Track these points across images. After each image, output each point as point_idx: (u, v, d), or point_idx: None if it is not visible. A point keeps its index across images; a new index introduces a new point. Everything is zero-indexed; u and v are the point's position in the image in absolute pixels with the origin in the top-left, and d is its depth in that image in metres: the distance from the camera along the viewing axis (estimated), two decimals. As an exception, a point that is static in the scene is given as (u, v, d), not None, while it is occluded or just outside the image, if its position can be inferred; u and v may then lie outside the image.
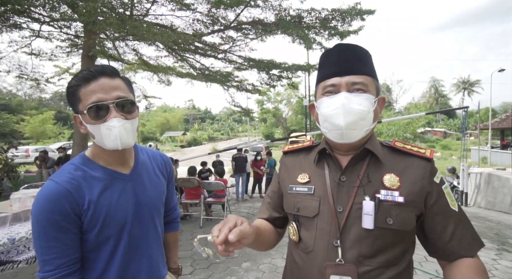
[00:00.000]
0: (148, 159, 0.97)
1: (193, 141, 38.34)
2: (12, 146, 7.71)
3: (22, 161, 11.62)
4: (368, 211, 0.68)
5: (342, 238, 0.70)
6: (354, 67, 0.72)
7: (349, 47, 0.74)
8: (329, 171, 0.78)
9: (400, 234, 0.69)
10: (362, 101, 0.70)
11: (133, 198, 0.86)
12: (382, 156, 0.75)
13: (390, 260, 0.68)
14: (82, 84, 0.77)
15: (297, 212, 0.78)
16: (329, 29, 7.08)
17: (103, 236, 0.80)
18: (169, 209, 1.10)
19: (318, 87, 0.78)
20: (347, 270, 0.67)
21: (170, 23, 6.89)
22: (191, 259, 3.44)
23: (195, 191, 5.27)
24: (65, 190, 0.75)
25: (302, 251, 0.76)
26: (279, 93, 32.18)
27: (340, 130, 0.70)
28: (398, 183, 0.70)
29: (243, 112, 10.39)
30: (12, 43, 7.07)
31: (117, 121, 0.77)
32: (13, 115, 30.97)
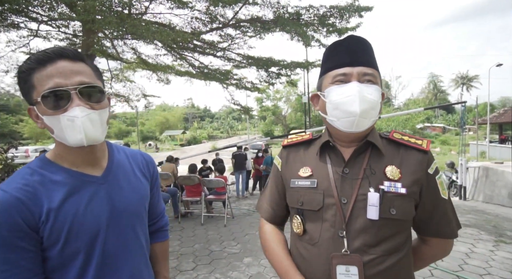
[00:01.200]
0: (126, 158, 0.84)
1: (193, 139, 38.37)
2: (12, 146, 7.71)
3: (22, 162, 11.62)
4: (374, 203, 0.70)
5: (348, 229, 0.72)
6: (365, 59, 0.74)
7: (360, 40, 0.76)
8: (332, 164, 0.79)
9: (401, 223, 0.72)
10: (373, 91, 0.72)
11: (107, 204, 0.73)
12: (383, 148, 0.77)
13: (392, 248, 0.71)
14: (36, 68, 0.64)
15: (301, 206, 0.79)
16: (327, 26, 7.09)
17: (69, 251, 0.67)
18: (155, 216, 0.95)
19: (326, 76, 0.78)
20: (353, 260, 0.70)
21: (169, 22, 6.89)
22: (193, 255, 3.49)
23: (196, 188, 5.31)
24: (15, 199, 0.62)
25: (307, 243, 0.77)
26: (278, 91, 32.21)
27: (354, 117, 0.70)
28: (399, 174, 0.73)
29: (243, 110, 10.41)
30: (10, 43, 7.05)
31: (80, 110, 0.64)
32: (12, 115, 30.90)
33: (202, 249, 3.70)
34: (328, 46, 0.81)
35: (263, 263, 3.22)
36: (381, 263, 0.70)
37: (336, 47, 0.77)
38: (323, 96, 0.77)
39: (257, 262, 3.26)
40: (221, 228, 4.64)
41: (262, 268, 3.10)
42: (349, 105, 0.70)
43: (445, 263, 3.07)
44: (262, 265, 3.16)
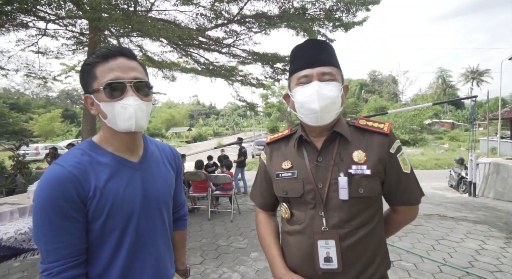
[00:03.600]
0: (157, 150, 0.92)
1: (198, 136, 38.53)
2: (23, 144, 7.89)
3: (32, 159, 11.89)
4: (343, 185, 0.82)
5: (325, 209, 0.84)
6: (323, 59, 0.84)
7: (318, 42, 0.86)
8: (307, 154, 0.89)
9: (370, 200, 0.84)
10: (331, 88, 0.82)
11: (141, 189, 0.80)
12: (349, 136, 0.87)
13: (363, 221, 0.83)
14: (100, 62, 0.74)
15: (286, 194, 0.91)
16: (333, 21, 6.99)
17: (108, 227, 0.74)
18: (176, 205, 1.04)
19: (291, 78, 0.89)
20: (330, 235, 0.82)
21: (174, 18, 6.89)
22: (200, 250, 3.53)
23: (203, 184, 5.34)
24: (70, 174, 0.70)
25: (295, 224, 0.89)
26: (284, 87, 31.99)
27: (316, 113, 0.81)
28: (365, 157, 0.84)
29: (248, 107, 10.39)
30: (19, 42, 7.16)
31: (134, 99, 0.74)
32: (22, 114, 31.49)
33: (209, 244, 3.74)
34: (291, 50, 0.90)
35: (270, 258, 3.24)
36: (354, 235, 0.82)
37: (297, 51, 0.88)
38: (292, 96, 0.88)
39: (263, 256, 3.27)
40: (228, 223, 4.67)
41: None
42: (310, 103, 0.81)
43: (455, 260, 3.03)
44: (269, 260, 3.18)
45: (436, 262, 2.99)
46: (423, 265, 2.94)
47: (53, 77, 8.74)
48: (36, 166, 9.45)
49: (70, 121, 38.10)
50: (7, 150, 8.03)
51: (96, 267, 0.75)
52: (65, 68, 9.02)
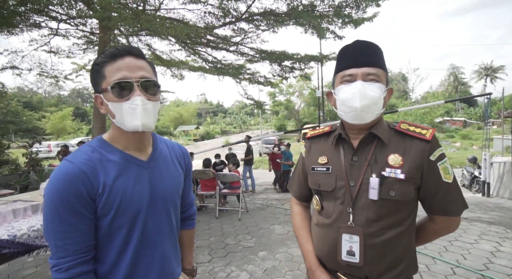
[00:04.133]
0: (166, 148, 0.92)
1: (206, 134, 38.73)
2: (36, 141, 8.07)
3: (45, 156, 12.14)
4: (374, 186, 0.84)
5: (354, 206, 0.87)
6: (369, 60, 0.85)
7: (366, 43, 0.88)
8: (344, 152, 0.93)
9: (401, 203, 0.84)
10: (374, 89, 0.83)
11: (148, 187, 0.80)
12: (387, 139, 0.88)
13: (392, 223, 0.84)
14: (109, 61, 0.75)
15: (319, 187, 0.95)
16: (342, 17, 6.88)
17: (116, 224, 0.75)
18: (185, 205, 1.03)
19: (336, 76, 0.91)
20: (356, 230, 0.85)
21: (182, 17, 6.91)
22: (208, 248, 3.54)
23: (211, 182, 5.36)
24: (80, 170, 0.71)
25: (323, 216, 0.95)
26: (291, 85, 31.83)
27: (356, 111, 0.83)
28: (401, 162, 0.84)
29: (256, 105, 10.36)
30: (32, 42, 7.31)
31: (141, 100, 0.74)
32: (35, 112, 32.27)
33: (217, 242, 3.75)
34: (340, 49, 0.92)
35: (278, 257, 3.23)
36: (381, 235, 0.83)
37: (345, 50, 0.90)
38: (335, 94, 0.91)
39: (272, 256, 3.27)
40: (236, 221, 4.68)
41: (277, 262, 3.10)
42: (351, 101, 0.84)
43: (469, 262, 2.96)
44: (277, 259, 3.16)
45: (449, 263, 2.92)
46: (435, 266, 2.87)
47: (64, 76, 8.91)
48: (49, 164, 9.66)
49: (81, 119, 38.86)
50: (21, 147, 8.23)
51: (103, 264, 0.76)
52: (76, 67, 9.18)
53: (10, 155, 8.27)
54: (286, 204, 5.85)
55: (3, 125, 12.76)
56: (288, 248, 3.47)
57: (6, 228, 1.61)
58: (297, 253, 3.30)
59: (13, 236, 1.53)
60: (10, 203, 2.01)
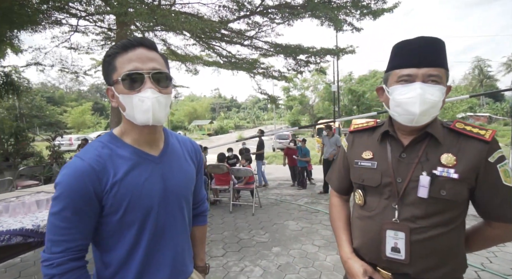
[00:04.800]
0: (178, 143, 0.90)
1: (220, 129, 39.04)
2: (58, 135, 8.41)
3: (66, 149, 12.66)
4: (424, 184, 0.81)
5: (400, 202, 0.85)
6: (432, 60, 0.79)
7: (429, 40, 0.80)
8: (391, 149, 0.90)
9: (451, 203, 0.81)
10: (435, 92, 0.78)
11: (161, 183, 0.78)
12: (442, 138, 0.84)
13: (439, 221, 0.81)
14: (120, 53, 0.73)
15: (362, 182, 0.94)
16: (361, 9, 6.65)
17: (127, 221, 0.74)
18: (197, 201, 1.02)
19: (390, 73, 0.86)
20: (401, 227, 0.83)
21: (197, 11, 6.91)
22: (222, 242, 3.57)
23: (225, 177, 5.39)
24: (89, 167, 0.70)
25: (366, 211, 0.93)
26: (306, 80, 31.36)
27: (413, 116, 0.80)
28: (455, 161, 0.80)
29: (269, 99, 10.30)
30: (54, 38, 7.56)
31: (152, 92, 0.71)
32: (57, 106, 33.62)
33: (231, 237, 3.77)
34: (397, 43, 0.86)
35: (292, 253, 3.21)
36: (427, 232, 0.81)
37: (405, 46, 0.83)
38: (388, 93, 0.87)
39: (286, 252, 3.25)
40: (249, 216, 4.69)
41: (291, 258, 3.09)
42: (409, 106, 0.79)
43: (495, 265, 2.82)
44: (291, 255, 3.15)
45: (473, 267, 2.79)
46: (457, 268, 2.75)
47: (84, 72, 9.19)
48: (70, 156, 10.06)
49: (100, 114, 40.16)
50: (44, 140, 8.61)
51: (115, 261, 0.76)
52: (95, 63, 9.44)
53: (35, 148, 8.66)
54: (299, 200, 5.81)
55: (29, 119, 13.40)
56: (302, 245, 3.44)
57: (31, 218, 1.68)
58: (312, 250, 3.27)
59: (37, 226, 1.59)
60: (34, 194, 2.10)
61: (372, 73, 33.66)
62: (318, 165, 8.40)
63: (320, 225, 4.14)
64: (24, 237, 1.51)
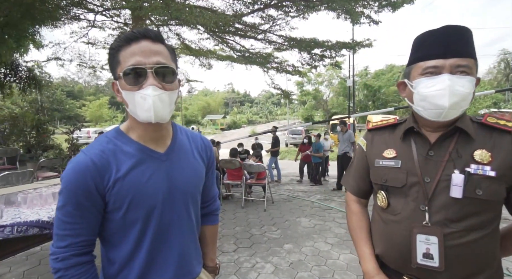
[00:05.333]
0: (187, 140, 0.87)
1: (233, 124, 39.20)
2: (77, 128, 8.68)
3: (84, 142, 13.10)
4: (457, 183, 0.74)
5: (429, 204, 0.78)
6: (460, 49, 0.74)
7: (456, 28, 0.75)
8: (416, 146, 0.84)
9: (488, 203, 0.75)
10: (465, 83, 0.73)
11: (166, 181, 0.76)
12: (473, 133, 0.78)
13: (475, 224, 0.75)
14: (123, 46, 0.69)
15: (385, 182, 0.87)
16: (379, 0, 6.39)
17: (130, 218, 0.72)
18: (207, 199, 0.98)
19: (413, 67, 0.80)
20: (433, 231, 0.76)
21: (211, 5, 6.87)
22: (234, 238, 3.57)
23: (237, 172, 5.39)
24: (92, 163, 0.69)
25: (390, 214, 0.86)
26: (320, 74, 30.82)
27: (441, 110, 0.74)
28: (490, 158, 0.75)
29: (283, 94, 10.18)
30: (72, 34, 7.76)
31: (153, 89, 0.67)
32: (76, 100, 34.77)
33: (242, 232, 3.77)
34: (419, 34, 0.81)
35: (304, 250, 3.16)
36: (462, 237, 0.74)
37: (429, 36, 0.78)
38: (411, 87, 0.80)
39: (298, 249, 3.21)
40: (261, 212, 4.67)
41: (303, 255, 3.05)
42: (437, 99, 0.74)
43: (519, 271, 2.66)
44: (303, 253, 3.10)
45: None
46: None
47: (100, 66, 9.40)
48: (88, 149, 10.38)
49: (116, 108, 41.20)
50: (64, 133, 8.91)
51: (119, 258, 0.75)
52: (111, 57, 9.62)
53: (55, 140, 8.99)
54: (312, 196, 5.73)
55: (50, 112, 13.92)
56: (314, 242, 3.39)
57: (47, 210, 1.71)
58: (324, 248, 3.22)
59: (52, 218, 1.62)
60: (50, 186, 2.15)
61: (389, 67, 32.63)
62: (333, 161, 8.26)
63: (333, 223, 4.07)
64: (40, 229, 1.54)
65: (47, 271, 2.68)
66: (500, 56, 40.33)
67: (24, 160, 7.51)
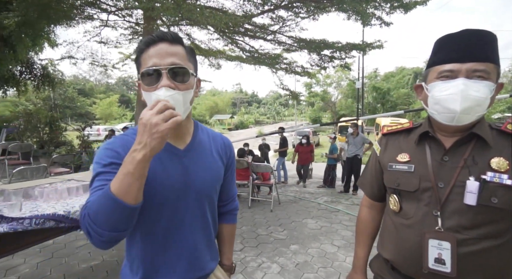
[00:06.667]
0: (207, 139, 0.89)
1: (240, 124, 39.29)
2: (88, 125, 8.86)
3: (94, 139, 13.33)
4: (472, 190, 0.74)
5: (442, 209, 0.78)
6: (478, 53, 0.73)
7: (476, 33, 0.74)
8: (431, 151, 0.83)
9: (503, 212, 0.74)
10: (480, 88, 0.72)
11: (182, 176, 0.77)
12: (491, 140, 0.77)
13: (489, 233, 0.74)
14: (144, 49, 0.74)
15: (398, 186, 0.87)
16: (391, 1, 6.33)
17: (144, 205, 0.71)
18: (226, 199, 0.99)
19: (430, 70, 0.81)
20: (446, 236, 0.75)
21: (221, 6, 6.92)
22: (240, 237, 3.60)
23: (244, 172, 5.41)
24: (120, 141, 0.76)
25: (402, 218, 0.86)
26: (329, 76, 30.61)
27: (454, 114, 0.74)
28: (507, 166, 0.74)
29: (291, 95, 10.16)
30: (86, 33, 7.92)
31: (165, 90, 0.70)
32: (87, 98, 35.44)
33: (249, 232, 3.79)
34: (439, 38, 0.81)
35: (311, 252, 3.16)
36: (475, 245, 0.73)
37: (447, 40, 0.78)
38: (427, 90, 0.81)
39: (304, 250, 3.21)
40: (268, 212, 4.69)
41: (309, 257, 3.05)
42: (449, 103, 0.74)
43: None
44: (310, 254, 3.11)
45: None
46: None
47: (112, 65, 9.57)
48: (98, 146, 10.58)
49: (125, 106, 41.83)
50: (75, 130, 9.11)
51: (134, 248, 0.78)
52: (122, 56, 9.78)
53: (67, 137, 9.20)
54: (319, 198, 5.71)
55: (62, 110, 14.25)
56: (321, 244, 3.39)
57: (62, 205, 1.77)
58: (331, 250, 3.21)
59: (67, 212, 1.67)
60: (65, 181, 2.21)
61: (399, 69, 32.20)
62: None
63: (340, 225, 4.05)
64: (56, 222, 1.59)
65: (59, 263, 2.76)
66: (515, 59, 39.21)
67: (37, 156, 7.72)
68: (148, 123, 0.59)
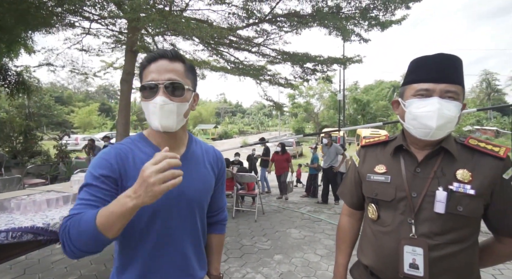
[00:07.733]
0: (200, 151, 0.93)
1: (224, 134, 39.13)
2: (66, 134, 8.52)
3: (72, 149, 12.80)
4: (441, 199, 0.81)
5: (416, 217, 0.84)
6: (451, 76, 0.81)
7: (448, 57, 0.82)
8: (405, 163, 0.90)
9: (467, 220, 0.81)
10: (451, 107, 0.79)
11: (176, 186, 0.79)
12: (457, 154, 0.85)
13: (457, 238, 0.81)
14: (146, 65, 0.81)
15: (376, 196, 0.93)
16: (369, 20, 6.72)
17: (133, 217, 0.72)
18: (216, 209, 1.02)
19: (409, 87, 0.87)
20: (419, 242, 0.82)
21: (207, 18, 7.03)
22: (224, 248, 3.56)
23: (229, 182, 5.40)
24: (115, 150, 0.79)
25: (380, 226, 0.92)
26: (311, 87, 31.46)
27: (429, 130, 0.81)
28: (470, 177, 0.81)
29: (275, 106, 10.34)
30: (66, 40, 7.73)
31: (161, 100, 0.76)
32: (65, 106, 34.10)
33: (233, 242, 3.77)
34: (415, 58, 0.87)
35: (294, 261, 3.19)
36: (445, 249, 0.80)
37: (424, 61, 0.84)
38: (404, 106, 0.87)
39: (288, 260, 3.24)
40: (252, 223, 4.68)
41: (293, 266, 3.07)
42: (427, 119, 0.80)
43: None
44: (293, 264, 3.13)
45: None
46: None
47: (93, 73, 9.35)
48: (76, 156, 10.16)
49: (106, 115, 40.60)
50: (51, 139, 8.73)
51: (125, 252, 0.80)
52: (104, 65, 9.59)
53: (42, 147, 8.78)
54: (302, 208, 5.78)
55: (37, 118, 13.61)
56: (304, 253, 3.43)
57: (41, 217, 1.71)
58: (314, 259, 3.25)
59: (47, 224, 1.62)
60: (44, 193, 2.13)
61: (378, 83, 33.66)
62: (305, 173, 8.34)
63: (323, 234, 4.12)
64: (34, 235, 1.54)
65: (32, 280, 2.61)
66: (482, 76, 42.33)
67: (9, 166, 7.30)
68: (146, 181, 0.60)
